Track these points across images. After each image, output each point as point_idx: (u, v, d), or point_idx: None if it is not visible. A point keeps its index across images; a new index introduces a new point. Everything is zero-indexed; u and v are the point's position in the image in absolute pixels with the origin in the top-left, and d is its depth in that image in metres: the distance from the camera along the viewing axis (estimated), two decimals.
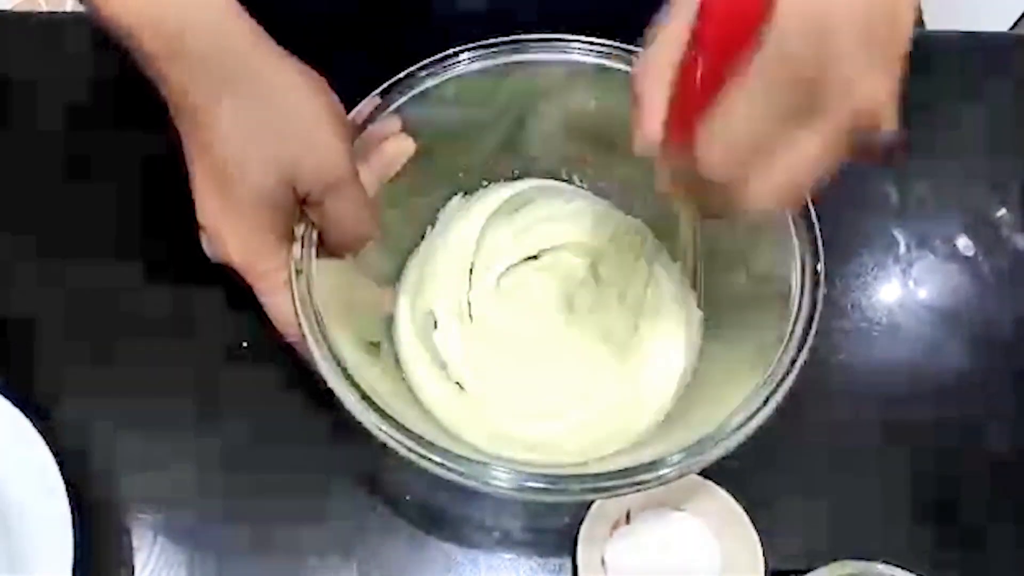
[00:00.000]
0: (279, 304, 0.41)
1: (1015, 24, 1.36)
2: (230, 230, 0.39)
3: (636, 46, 0.46)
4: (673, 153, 0.34)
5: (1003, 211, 0.61)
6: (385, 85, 0.45)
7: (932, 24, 1.55)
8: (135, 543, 0.50)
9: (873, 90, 0.30)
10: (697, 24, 0.31)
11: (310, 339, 0.40)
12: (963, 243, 0.60)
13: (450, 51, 0.46)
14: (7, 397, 0.48)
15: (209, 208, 0.39)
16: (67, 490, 0.46)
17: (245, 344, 0.54)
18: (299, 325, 0.40)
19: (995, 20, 1.37)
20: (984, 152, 0.63)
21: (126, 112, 0.59)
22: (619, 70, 0.46)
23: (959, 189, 0.62)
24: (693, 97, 0.32)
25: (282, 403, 0.52)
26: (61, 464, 0.47)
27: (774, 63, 0.29)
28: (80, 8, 0.39)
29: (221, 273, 0.41)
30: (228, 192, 0.38)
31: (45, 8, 1.60)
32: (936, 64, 0.66)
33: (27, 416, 0.48)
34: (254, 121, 0.37)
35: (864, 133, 0.31)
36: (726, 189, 0.32)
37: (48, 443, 0.47)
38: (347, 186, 0.40)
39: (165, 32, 0.35)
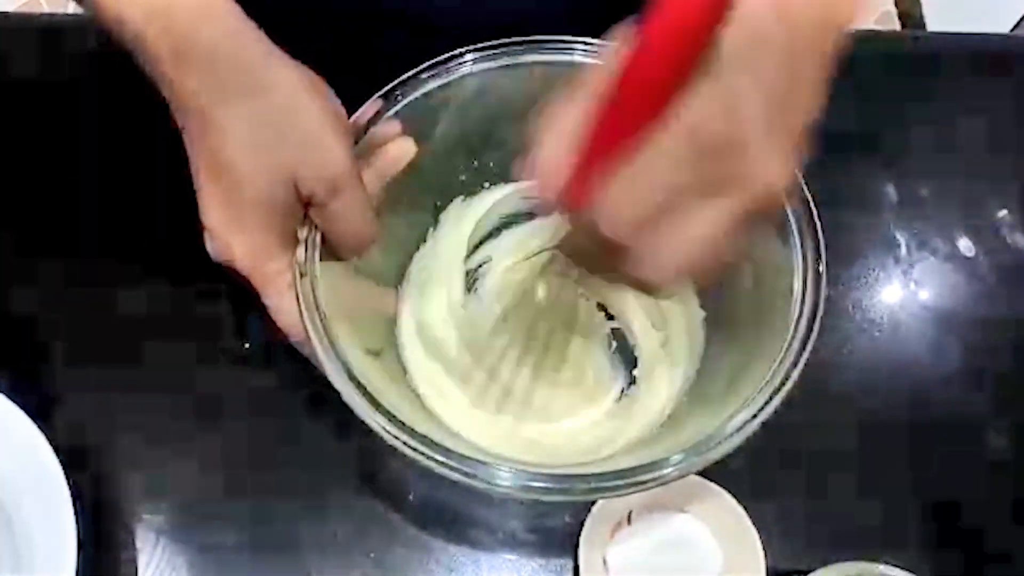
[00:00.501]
0: (283, 305, 0.41)
1: (1016, 26, 1.37)
2: (235, 231, 0.39)
3: None
4: (571, 210, 0.33)
5: (1004, 212, 0.61)
6: (388, 87, 0.46)
7: (933, 26, 1.55)
8: (137, 543, 0.50)
9: (777, 171, 0.30)
10: (616, 80, 0.30)
11: (315, 340, 0.40)
12: (964, 244, 0.60)
13: (453, 52, 0.46)
14: (10, 398, 0.49)
15: (214, 209, 0.39)
16: (70, 490, 0.47)
17: (247, 345, 0.54)
18: (303, 326, 0.40)
19: (996, 22, 1.37)
20: (985, 153, 0.63)
21: (127, 113, 0.59)
22: None
23: (960, 190, 0.62)
24: (599, 157, 0.31)
25: (284, 403, 0.53)
26: (63, 464, 0.47)
27: (681, 131, 0.29)
28: (82, 10, 0.40)
29: (223, 273, 0.41)
30: (233, 194, 0.38)
31: (46, 10, 1.61)
32: (937, 65, 0.66)
33: (29, 417, 0.48)
34: (258, 124, 0.37)
35: (761, 214, 0.31)
36: (617, 251, 0.32)
37: (50, 444, 0.47)
38: (350, 188, 0.40)
39: (172, 34, 0.35)
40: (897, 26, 1.62)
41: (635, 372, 0.51)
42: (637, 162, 0.30)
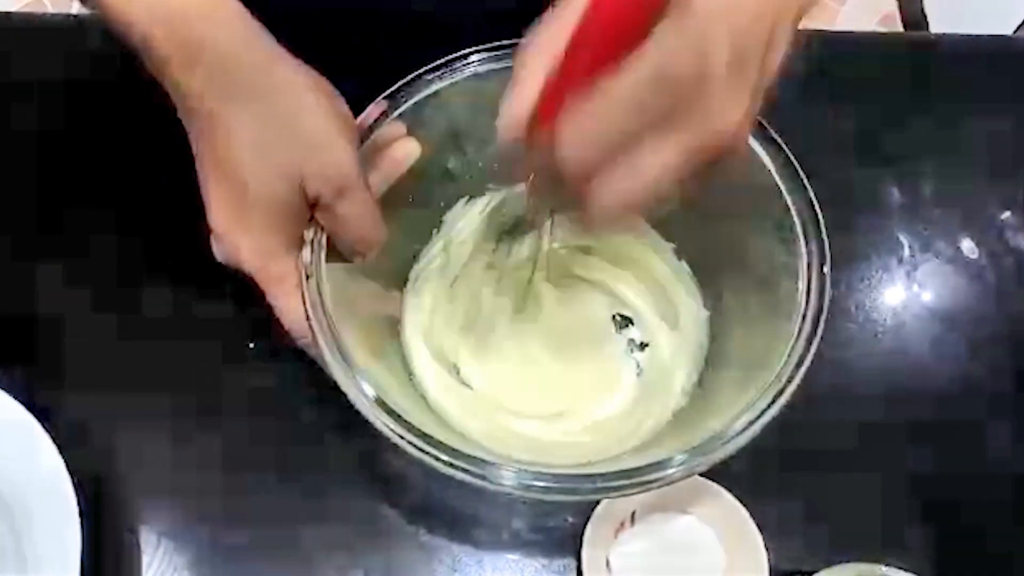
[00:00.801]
0: (290, 307, 0.41)
1: (1019, 27, 1.37)
2: (242, 234, 0.39)
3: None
4: (536, 141, 0.34)
5: (1007, 214, 0.61)
6: (393, 88, 0.45)
7: (936, 28, 1.55)
8: (140, 543, 0.50)
9: (734, 117, 0.30)
10: (584, 18, 0.31)
11: (321, 341, 0.40)
12: (967, 246, 0.60)
13: (458, 54, 0.46)
14: (13, 397, 0.49)
15: (221, 211, 0.39)
16: (73, 490, 0.47)
17: (251, 344, 0.54)
18: (309, 327, 0.40)
19: (999, 24, 1.37)
20: (988, 155, 0.63)
21: (130, 114, 0.59)
22: None
23: (963, 192, 0.62)
24: (568, 84, 0.32)
25: (285, 403, 0.53)
26: (66, 464, 0.47)
27: (647, 68, 0.29)
28: (86, 11, 0.40)
29: (226, 274, 0.41)
30: (240, 196, 0.38)
31: (50, 10, 1.61)
32: (940, 67, 0.66)
33: (33, 416, 0.48)
34: (265, 126, 0.37)
35: (713, 157, 0.31)
36: (576, 186, 0.32)
37: (54, 443, 0.47)
38: (356, 190, 0.40)
39: (178, 37, 0.36)
40: (900, 28, 1.62)
41: (639, 374, 0.51)
42: (599, 95, 0.30)
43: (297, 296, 0.41)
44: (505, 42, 0.46)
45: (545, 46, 0.33)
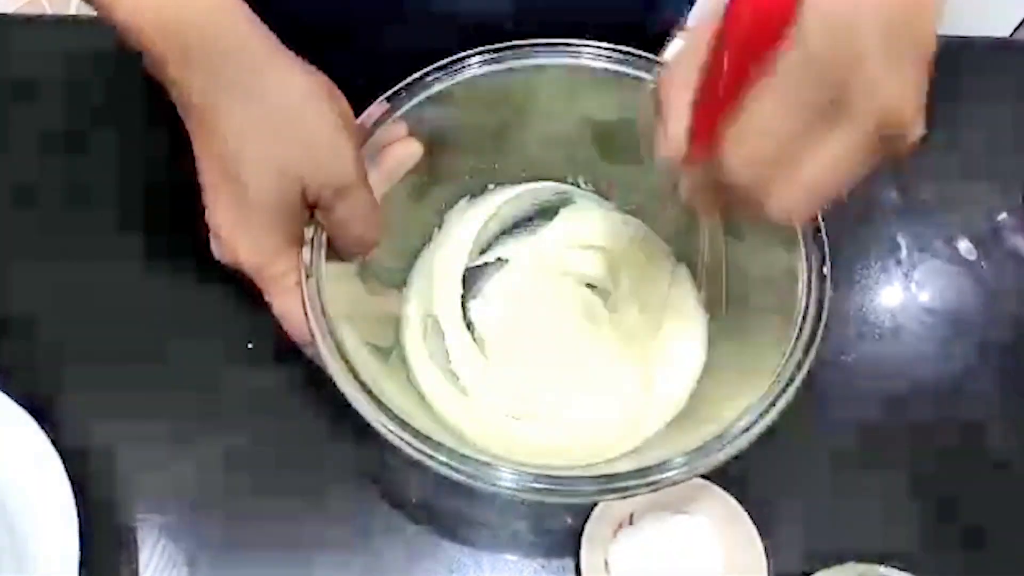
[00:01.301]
0: (289, 306, 0.41)
1: (1016, 28, 1.37)
2: (241, 233, 0.39)
3: (644, 51, 0.46)
4: (695, 160, 0.34)
5: (1004, 214, 0.61)
6: (394, 89, 0.46)
7: None
8: (139, 542, 0.50)
9: (899, 91, 0.29)
10: (722, 26, 0.31)
11: (320, 341, 0.40)
12: (965, 246, 0.60)
13: (459, 55, 0.46)
14: (12, 398, 0.49)
15: (220, 210, 0.39)
16: (71, 490, 0.47)
17: (250, 344, 0.54)
18: (308, 327, 0.40)
19: (996, 25, 1.37)
20: (986, 155, 0.63)
21: (129, 113, 0.59)
22: (629, 75, 0.47)
23: (961, 192, 0.62)
24: (717, 101, 0.32)
25: (284, 403, 0.53)
26: (65, 464, 0.47)
27: (799, 64, 0.29)
28: (84, 11, 0.40)
29: (225, 273, 0.41)
30: (239, 195, 0.38)
31: (49, 11, 1.60)
32: (938, 68, 0.66)
33: (31, 416, 0.48)
34: (265, 125, 0.37)
35: (890, 135, 0.30)
36: (749, 195, 0.32)
37: (52, 443, 0.47)
38: (356, 190, 0.40)
39: (178, 35, 0.35)
40: None
41: (639, 375, 0.51)
42: (753, 103, 0.30)
43: (296, 296, 0.41)
44: (505, 43, 0.46)
45: (683, 75, 0.33)
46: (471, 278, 0.54)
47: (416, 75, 0.46)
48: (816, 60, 0.29)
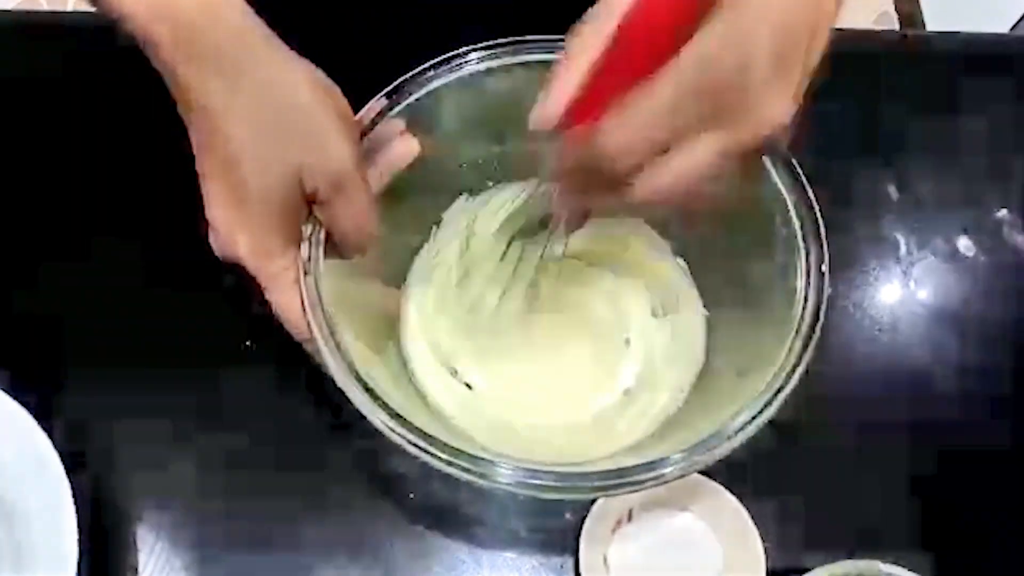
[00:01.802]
0: (288, 303, 0.41)
1: (1015, 25, 1.37)
2: (240, 228, 0.39)
3: None
4: (571, 136, 0.34)
5: (1003, 211, 0.61)
6: (393, 85, 0.45)
7: (932, 25, 1.55)
8: (138, 542, 0.50)
9: (778, 113, 0.31)
10: (627, 18, 0.32)
11: (318, 337, 0.40)
12: (964, 243, 0.60)
13: (458, 51, 0.46)
14: (12, 397, 0.49)
15: (219, 206, 0.39)
16: (71, 490, 0.47)
17: (249, 343, 0.54)
18: (307, 324, 0.40)
19: (995, 22, 1.37)
20: (984, 152, 0.63)
21: (128, 112, 0.59)
22: None
23: (960, 189, 0.62)
24: (606, 86, 0.32)
25: (284, 402, 0.53)
26: (64, 463, 0.47)
27: (691, 69, 0.30)
28: (82, 8, 0.40)
29: (225, 272, 0.41)
30: (238, 191, 0.38)
31: (46, 8, 1.60)
32: (936, 65, 0.66)
33: (31, 416, 0.48)
34: (264, 121, 0.37)
35: (753, 153, 0.32)
36: (613, 180, 0.33)
37: (52, 443, 0.47)
38: (354, 186, 0.40)
39: (178, 31, 0.35)
40: (896, 26, 1.63)
41: (638, 371, 0.51)
42: (642, 92, 0.31)
43: (295, 292, 0.41)
44: (503, 40, 0.46)
45: (587, 44, 0.33)
46: None
47: (414, 71, 0.45)
48: (707, 69, 0.30)
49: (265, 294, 0.41)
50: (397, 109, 0.45)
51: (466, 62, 0.46)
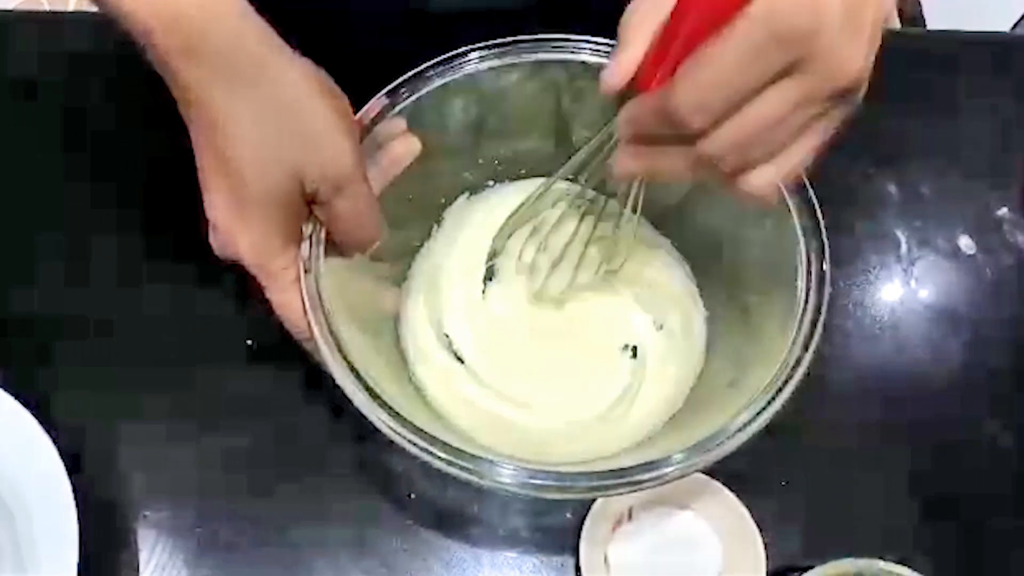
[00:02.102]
0: (288, 302, 0.41)
1: (1016, 24, 1.37)
2: (241, 228, 0.39)
3: None
4: (643, 89, 0.34)
5: (1004, 210, 0.61)
6: (394, 84, 0.46)
7: (933, 24, 1.55)
8: (138, 542, 0.50)
9: (853, 61, 0.31)
10: None
11: (318, 336, 0.40)
12: (965, 242, 0.60)
13: (459, 51, 0.46)
14: (13, 397, 0.49)
15: (219, 205, 0.39)
16: (72, 489, 0.47)
17: (251, 343, 0.54)
18: (307, 323, 0.40)
19: (996, 20, 1.37)
20: (985, 152, 0.63)
21: (128, 111, 0.59)
22: None
23: (960, 188, 0.62)
24: (675, 48, 0.32)
25: (284, 402, 0.53)
26: (65, 463, 0.47)
27: (761, 21, 0.30)
28: (83, 8, 0.40)
29: (226, 272, 0.41)
30: (238, 190, 0.38)
31: (47, 8, 1.60)
32: (937, 64, 0.66)
33: (32, 416, 0.48)
34: (264, 120, 0.37)
35: (836, 98, 0.32)
36: (687, 139, 0.33)
37: (53, 443, 0.47)
38: (355, 185, 0.40)
39: (181, 29, 0.35)
40: (897, 25, 1.62)
41: (639, 371, 0.51)
42: (713, 48, 0.30)
43: (295, 292, 0.41)
44: (506, 40, 0.46)
45: (650, 12, 0.34)
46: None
47: (416, 70, 0.46)
48: (779, 22, 0.30)
49: (265, 293, 0.41)
50: (398, 108, 0.45)
51: (467, 61, 0.46)
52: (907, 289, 0.58)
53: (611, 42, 0.46)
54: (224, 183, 0.38)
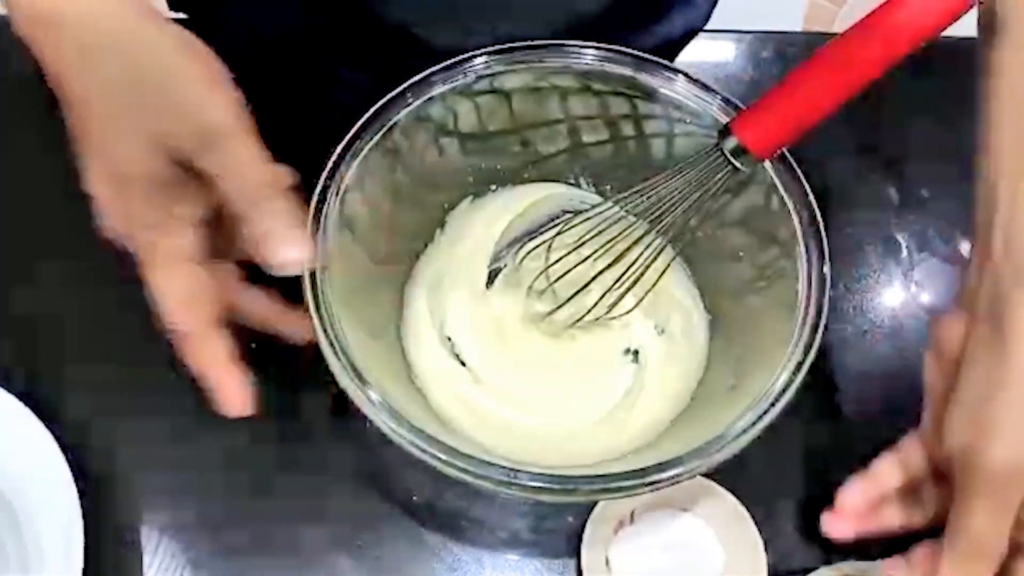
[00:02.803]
0: (169, 284, 0.39)
1: None
2: (116, 201, 0.38)
3: (642, 51, 0.47)
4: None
5: None
6: (399, 89, 0.45)
7: None
8: (142, 542, 0.50)
9: None
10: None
11: (321, 337, 0.40)
12: (965, 245, 0.60)
13: (463, 56, 0.46)
14: (18, 398, 0.49)
15: (96, 181, 0.38)
16: (76, 490, 0.47)
17: (253, 345, 0.54)
18: (311, 325, 0.40)
19: None
20: None
21: None
22: (634, 77, 0.47)
23: (961, 191, 0.61)
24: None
25: (286, 403, 0.53)
26: (70, 464, 0.47)
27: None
28: None
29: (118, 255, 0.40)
30: (107, 159, 0.37)
31: None
32: (937, 66, 0.66)
33: (37, 417, 0.48)
34: (129, 90, 0.36)
35: None
36: None
37: (57, 443, 0.48)
38: (227, 140, 0.37)
39: (48, 24, 0.35)
40: None
41: (640, 374, 0.51)
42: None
43: (178, 276, 0.39)
44: (510, 45, 0.46)
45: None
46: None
47: (420, 75, 0.45)
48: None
49: (145, 272, 0.39)
50: (403, 113, 0.45)
51: (471, 67, 0.46)
52: (908, 293, 0.58)
53: (614, 48, 0.47)
54: (94, 152, 0.37)
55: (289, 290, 0.42)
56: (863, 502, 0.43)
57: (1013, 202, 0.38)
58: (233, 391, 0.41)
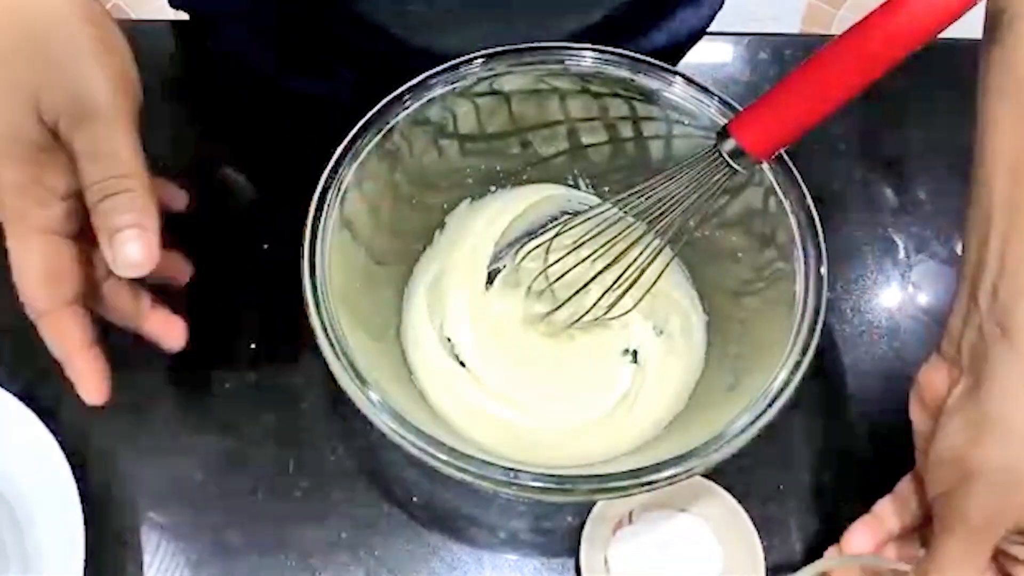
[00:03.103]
0: (25, 261, 0.37)
1: None
2: None
3: (641, 53, 0.47)
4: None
5: None
6: (398, 91, 0.46)
7: None
8: (143, 543, 0.50)
9: None
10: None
11: (320, 336, 0.40)
12: (961, 247, 0.60)
13: (462, 58, 0.46)
14: (19, 399, 0.49)
15: None
16: (77, 491, 0.47)
17: (253, 345, 0.54)
18: (312, 325, 0.40)
19: None
20: None
21: None
22: (631, 79, 0.47)
23: (958, 192, 0.62)
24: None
25: (286, 403, 0.53)
26: (71, 464, 0.47)
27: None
28: None
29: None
30: None
31: None
32: (936, 67, 0.66)
33: (38, 418, 0.48)
34: (11, 37, 0.35)
35: None
36: None
37: (59, 444, 0.48)
38: (97, 121, 0.35)
39: None
40: None
41: (639, 375, 0.51)
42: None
43: (39, 249, 0.37)
44: (509, 47, 0.46)
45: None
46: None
47: (419, 78, 0.46)
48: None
49: (7, 241, 0.37)
50: (403, 114, 0.46)
51: (470, 68, 0.46)
52: (905, 293, 0.59)
53: (612, 50, 0.47)
54: None
55: (291, 290, 0.42)
56: (870, 545, 0.44)
57: (1003, 256, 0.39)
58: (88, 378, 0.39)
